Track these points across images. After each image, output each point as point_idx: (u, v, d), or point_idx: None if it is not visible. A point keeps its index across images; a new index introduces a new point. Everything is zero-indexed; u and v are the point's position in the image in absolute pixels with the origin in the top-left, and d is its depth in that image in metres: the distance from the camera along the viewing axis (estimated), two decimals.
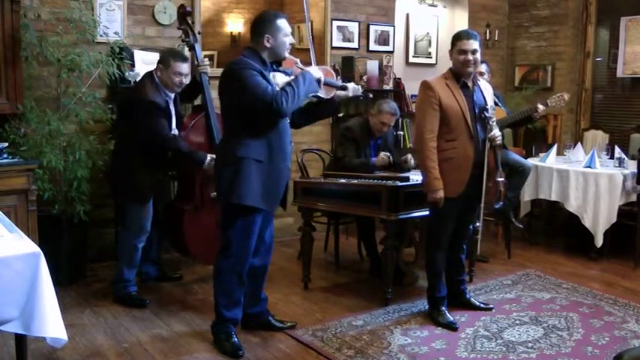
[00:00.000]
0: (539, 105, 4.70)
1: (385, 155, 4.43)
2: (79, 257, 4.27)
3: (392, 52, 6.19)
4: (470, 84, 3.56)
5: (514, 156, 5.01)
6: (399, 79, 6.16)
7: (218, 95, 3.19)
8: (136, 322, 3.63)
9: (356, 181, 3.97)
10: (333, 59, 5.77)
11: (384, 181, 3.82)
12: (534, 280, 4.51)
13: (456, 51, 3.48)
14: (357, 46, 5.93)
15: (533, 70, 6.90)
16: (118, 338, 3.40)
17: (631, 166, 4.96)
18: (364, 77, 5.83)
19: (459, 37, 3.50)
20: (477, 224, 3.93)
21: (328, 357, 3.20)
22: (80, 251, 4.29)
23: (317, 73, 3.24)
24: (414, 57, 6.89)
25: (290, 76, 3.22)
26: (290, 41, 3.17)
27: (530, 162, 5.18)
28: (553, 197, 5.13)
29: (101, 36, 4.31)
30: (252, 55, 3.12)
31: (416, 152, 3.64)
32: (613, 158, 5.17)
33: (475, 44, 3.47)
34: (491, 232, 5.72)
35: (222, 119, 3.27)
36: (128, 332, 3.49)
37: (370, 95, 3.67)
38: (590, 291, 4.25)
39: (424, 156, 3.46)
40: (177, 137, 3.84)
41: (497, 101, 4.98)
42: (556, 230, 5.81)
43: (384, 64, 6.02)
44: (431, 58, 7.04)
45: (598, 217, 4.86)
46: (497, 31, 6.96)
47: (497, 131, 3.53)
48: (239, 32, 7.70)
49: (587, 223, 4.92)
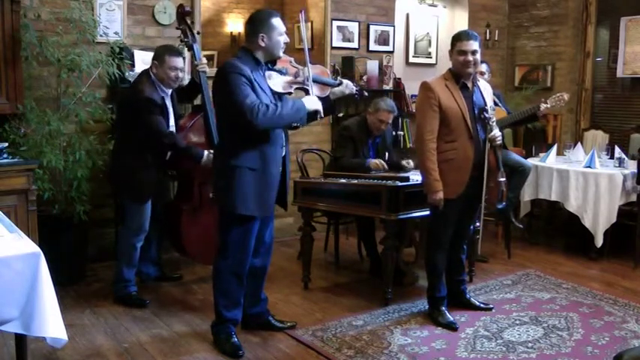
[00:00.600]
0: (542, 104, 4.70)
1: (380, 162, 4.42)
2: (79, 257, 4.27)
3: (392, 52, 6.19)
4: (469, 85, 3.56)
5: (514, 156, 5.01)
6: (399, 79, 6.17)
7: (212, 96, 3.18)
8: (136, 322, 3.64)
9: (356, 181, 3.97)
10: (333, 59, 5.77)
11: (384, 181, 3.82)
12: (534, 280, 4.51)
13: (456, 52, 3.47)
14: (357, 46, 5.93)
15: (533, 70, 6.90)
16: (118, 338, 3.40)
17: (631, 166, 4.96)
18: (364, 77, 5.83)
19: (459, 38, 3.49)
20: (477, 224, 3.93)
21: (328, 357, 3.20)
22: (80, 251, 4.29)
23: (314, 104, 3.13)
24: (414, 57, 6.89)
25: (285, 74, 3.19)
26: (285, 40, 3.14)
27: (530, 162, 5.18)
28: (553, 197, 5.13)
29: (101, 36, 4.31)
30: (246, 55, 3.09)
31: (416, 153, 3.64)
32: (613, 158, 5.17)
33: (475, 45, 3.46)
34: (491, 232, 5.72)
35: (216, 122, 3.27)
36: (128, 332, 3.49)
37: (365, 93, 3.65)
38: (590, 291, 4.25)
39: (424, 157, 3.45)
40: (174, 133, 3.84)
41: (497, 101, 4.98)
42: (556, 230, 5.81)
43: (384, 64, 6.02)
44: (431, 58, 7.04)
45: (598, 217, 4.86)
46: (497, 31, 6.96)
47: (497, 131, 3.52)
48: (239, 32, 7.71)
49: (587, 223, 4.92)
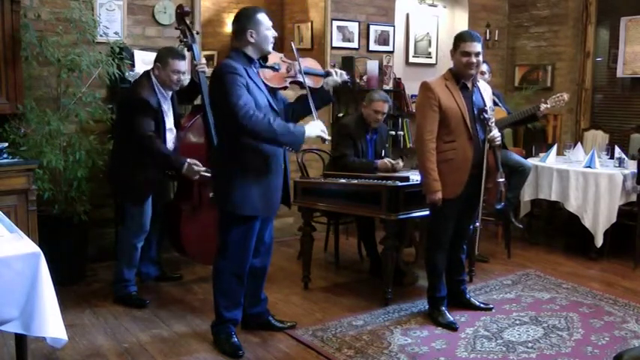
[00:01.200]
0: (542, 104, 4.70)
1: (389, 162, 4.43)
2: (79, 257, 4.27)
3: (392, 52, 6.19)
4: (469, 85, 3.55)
5: (514, 156, 5.01)
6: (399, 79, 6.17)
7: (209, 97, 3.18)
8: (136, 322, 3.63)
9: (356, 181, 3.97)
10: (333, 59, 5.76)
11: (384, 181, 3.82)
12: (534, 280, 4.51)
13: (460, 53, 3.45)
14: (357, 46, 5.93)
15: (533, 70, 6.90)
16: (118, 338, 3.40)
17: (631, 166, 4.96)
18: (364, 77, 5.83)
19: (463, 39, 3.46)
20: (477, 224, 3.93)
21: (328, 357, 3.20)
22: (80, 251, 4.28)
23: (314, 131, 3.07)
24: (414, 57, 6.89)
25: (278, 70, 3.19)
26: (273, 34, 3.13)
27: (530, 162, 5.19)
28: (553, 197, 5.13)
29: (101, 36, 4.31)
30: (238, 55, 3.09)
31: (415, 153, 3.64)
32: (613, 158, 5.17)
33: (479, 47, 3.45)
34: (491, 232, 5.72)
35: (214, 123, 3.26)
36: (128, 332, 3.49)
37: (357, 80, 3.63)
38: (590, 291, 4.25)
39: (424, 157, 3.45)
40: (155, 138, 3.70)
41: (497, 101, 4.99)
42: (556, 230, 5.81)
43: (384, 64, 6.02)
44: (431, 58, 7.04)
45: (598, 217, 4.86)
46: (497, 31, 6.96)
47: (496, 132, 3.52)
48: None
49: (587, 223, 4.92)
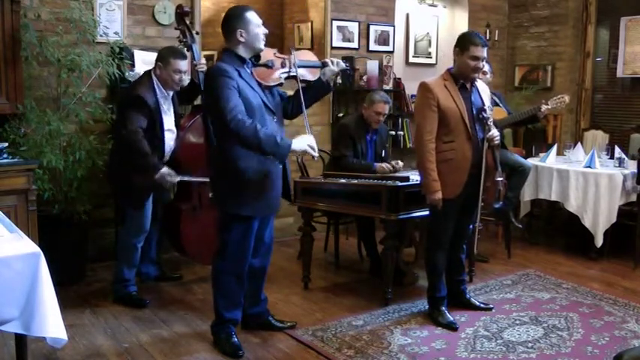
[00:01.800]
0: (543, 105, 4.70)
1: (387, 167, 4.42)
2: (79, 257, 4.27)
3: (392, 52, 6.19)
4: (468, 85, 3.56)
5: (514, 156, 5.02)
6: (399, 79, 6.16)
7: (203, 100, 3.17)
8: (136, 322, 3.63)
9: (356, 181, 3.97)
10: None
11: (384, 181, 3.82)
12: (534, 280, 4.51)
13: (469, 56, 3.44)
14: (357, 46, 5.93)
15: (533, 70, 6.90)
16: (118, 338, 3.40)
17: (631, 166, 4.96)
18: (364, 77, 5.83)
19: (474, 43, 3.44)
20: (476, 224, 3.92)
21: (328, 357, 3.20)
22: (80, 251, 4.29)
23: (302, 145, 3.00)
24: (414, 57, 6.88)
25: (272, 67, 3.17)
26: (263, 32, 3.11)
27: (530, 162, 5.19)
28: (553, 197, 5.13)
29: (101, 36, 4.31)
30: (229, 56, 3.08)
31: (415, 153, 3.64)
32: (613, 158, 5.17)
33: (486, 51, 3.49)
34: (491, 232, 5.72)
35: (211, 124, 3.26)
36: (128, 332, 3.49)
37: (357, 67, 3.59)
38: (590, 291, 4.25)
39: (423, 158, 3.45)
40: (140, 135, 3.62)
41: (497, 101, 4.99)
42: (556, 230, 5.80)
43: (384, 64, 6.01)
44: (431, 58, 7.04)
45: (598, 217, 4.86)
46: (497, 31, 6.96)
47: (495, 131, 3.52)
48: None
49: (587, 223, 4.92)
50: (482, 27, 6.78)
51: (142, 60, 4.52)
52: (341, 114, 5.71)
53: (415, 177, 3.85)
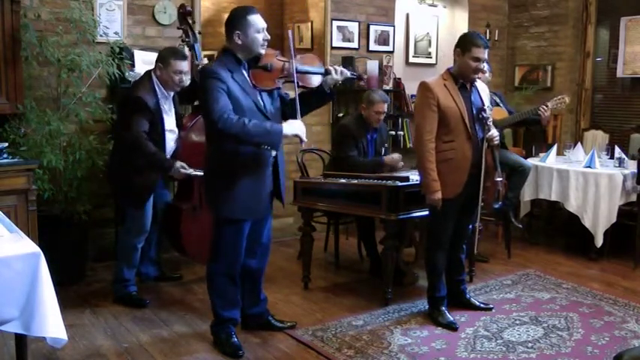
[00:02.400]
0: (542, 107, 4.68)
1: (397, 156, 4.42)
2: (79, 257, 4.27)
3: (392, 52, 6.19)
4: (467, 85, 3.56)
5: (514, 156, 5.01)
6: (399, 79, 6.17)
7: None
8: (136, 322, 3.64)
9: (356, 181, 3.97)
10: (333, 59, 5.76)
11: (384, 181, 3.82)
12: (534, 280, 4.51)
13: (470, 57, 3.43)
14: (357, 46, 5.93)
15: (533, 70, 6.90)
16: (118, 338, 3.40)
17: (631, 166, 4.96)
18: (364, 77, 5.82)
19: (476, 44, 3.43)
20: (476, 224, 3.92)
21: (328, 357, 3.20)
22: (80, 251, 4.29)
23: (294, 130, 3.02)
24: (414, 57, 6.88)
25: (270, 70, 3.13)
26: (264, 37, 3.05)
27: (530, 162, 5.19)
28: (553, 197, 5.13)
29: (101, 36, 4.31)
30: (227, 56, 3.07)
31: (415, 153, 3.63)
32: (613, 158, 5.17)
33: (487, 52, 3.49)
34: (491, 232, 5.72)
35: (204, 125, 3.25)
36: (128, 332, 3.49)
37: (365, 76, 3.59)
38: (590, 291, 4.25)
39: (423, 157, 3.45)
40: (144, 138, 3.64)
41: (498, 101, 4.99)
42: (556, 230, 5.80)
43: (384, 64, 6.01)
44: (431, 58, 7.04)
45: (598, 217, 4.86)
46: (497, 31, 6.96)
47: (494, 131, 3.52)
48: None
49: (587, 223, 4.92)
50: (482, 27, 6.78)
51: (142, 60, 4.52)
52: (341, 114, 5.71)
53: (415, 177, 3.85)
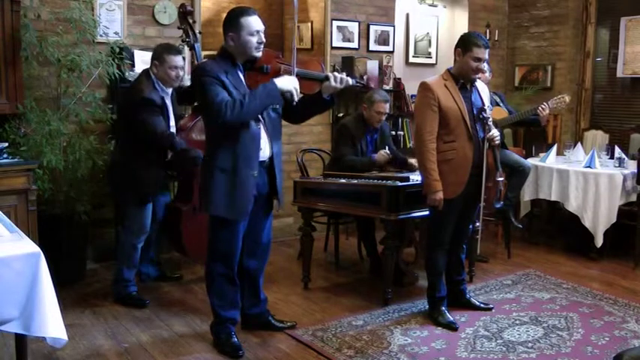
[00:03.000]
0: (540, 107, 4.68)
1: (385, 153, 4.42)
2: (79, 257, 4.28)
3: (392, 52, 6.19)
4: (468, 85, 3.55)
5: (514, 156, 5.01)
6: (399, 79, 6.16)
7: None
8: (136, 322, 3.64)
9: (356, 181, 3.97)
10: (333, 59, 5.77)
11: (384, 181, 3.82)
12: (534, 280, 4.51)
13: (471, 57, 3.43)
14: (357, 46, 5.93)
15: (533, 70, 6.90)
16: (118, 338, 3.40)
17: (631, 166, 4.96)
18: (364, 77, 5.83)
19: (477, 45, 3.42)
20: (477, 224, 3.93)
21: (328, 357, 3.20)
22: (80, 251, 4.29)
23: (287, 84, 3.00)
24: (414, 57, 6.89)
25: (267, 73, 3.11)
26: (258, 40, 3.02)
27: (530, 162, 5.18)
28: (553, 197, 5.13)
29: (101, 36, 4.32)
30: (222, 55, 3.07)
31: (415, 154, 3.63)
32: (613, 158, 5.17)
33: (487, 52, 3.48)
34: (491, 232, 5.72)
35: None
36: (128, 332, 3.49)
37: (372, 85, 3.57)
38: (590, 291, 4.25)
39: (424, 157, 3.45)
40: (173, 135, 3.79)
41: (498, 101, 4.99)
42: (556, 230, 5.80)
43: (384, 64, 6.01)
44: (431, 58, 7.04)
45: (598, 217, 4.86)
46: (497, 31, 6.96)
47: (495, 131, 3.52)
48: None
49: (587, 223, 4.92)
50: (482, 27, 6.78)
51: (142, 60, 4.51)
52: (341, 114, 5.71)
53: (415, 177, 3.85)
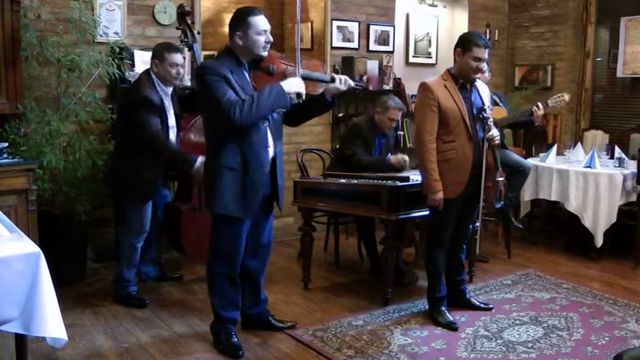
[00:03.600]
0: (535, 107, 4.67)
1: (402, 158, 4.39)
2: (79, 257, 4.28)
3: (392, 52, 6.19)
4: (468, 85, 3.56)
5: (514, 156, 5.01)
6: (399, 79, 6.16)
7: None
8: (136, 322, 3.64)
9: (356, 181, 3.97)
10: (333, 59, 5.77)
11: (384, 181, 3.82)
12: (534, 280, 4.51)
13: (471, 57, 3.42)
14: (357, 46, 5.93)
15: (533, 70, 6.90)
16: (118, 338, 3.41)
17: (631, 166, 4.96)
18: (364, 77, 5.83)
19: (477, 44, 3.42)
20: (477, 224, 3.93)
21: (328, 357, 3.20)
22: (80, 251, 4.29)
23: (294, 86, 2.99)
24: (414, 57, 6.89)
25: (273, 74, 3.10)
26: (266, 39, 3.02)
27: (530, 162, 5.18)
28: (553, 197, 5.13)
29: (101, 36, 4.32)
30: (227, 54, 3.06)
31: (415, 154, 3.63)
32: (613, 158, 5.17)
33: (487, 52, 3.48)
34: (491, 232, 5.72)
35: (203, 122, 3.26)
36: (128, 332, 3.49)
37: (371, 87, 3.58)
38: (590, 291, 4.25)
39: (424, 157, 3.45)
40: (166, 137, 3.73)
41: (498, 101, 4.99)
42: (556, 230, 5.80)
43: (384, 64, 6.01)
44: (431, 58, 7.05)
45: (598, 217, 4.85)
46: (497, 31, 6.96)
47: (495, 131, 3.52)
48: None
49: (587, 223, 4.92)
50: (482, 27, 6.78)
51: (142, 60, 4.51)
52: (341, 114, 5.71)
53: (415, 177, 3.85)
